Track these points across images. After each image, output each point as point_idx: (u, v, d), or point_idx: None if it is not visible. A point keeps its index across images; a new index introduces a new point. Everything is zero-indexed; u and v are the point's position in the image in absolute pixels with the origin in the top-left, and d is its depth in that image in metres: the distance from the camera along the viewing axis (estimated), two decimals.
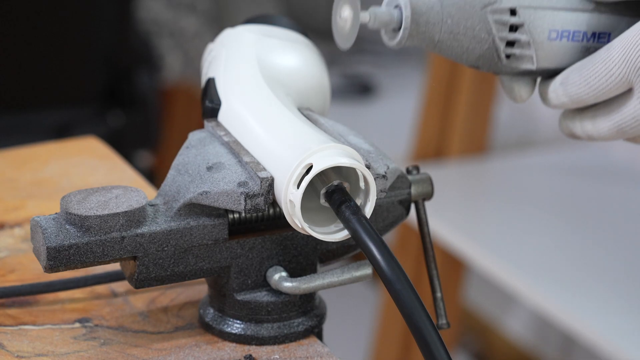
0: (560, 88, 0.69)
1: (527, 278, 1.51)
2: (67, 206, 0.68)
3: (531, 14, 0.68)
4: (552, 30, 0.69)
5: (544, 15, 0.69)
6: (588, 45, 0.70)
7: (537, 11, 0.68)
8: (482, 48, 0.68)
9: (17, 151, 0.99)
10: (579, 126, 0.71)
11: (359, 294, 2.37)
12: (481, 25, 0.67)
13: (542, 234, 1.64)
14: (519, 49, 0.69)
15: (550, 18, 0.69)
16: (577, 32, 0.69)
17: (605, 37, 0.70)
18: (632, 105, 0.67)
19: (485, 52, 0.68)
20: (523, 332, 2.21)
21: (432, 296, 0.76)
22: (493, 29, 0.68)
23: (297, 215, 0.67)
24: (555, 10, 0.69)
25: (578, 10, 0.69)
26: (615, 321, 1.43)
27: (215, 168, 0.71)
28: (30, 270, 0.80)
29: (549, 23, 0.69)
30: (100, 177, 0.94)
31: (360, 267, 0.73)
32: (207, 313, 0.74)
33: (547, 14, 0.69)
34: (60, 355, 0.71)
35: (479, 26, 0.67)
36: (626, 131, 0.69)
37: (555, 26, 0.69)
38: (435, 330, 0.62)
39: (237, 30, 0.80)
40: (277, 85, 0.76)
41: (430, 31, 0.66)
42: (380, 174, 0.70)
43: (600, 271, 1.53)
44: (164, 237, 0.70)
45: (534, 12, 0.68)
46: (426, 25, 0.66)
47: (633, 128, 0.68)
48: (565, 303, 1.45)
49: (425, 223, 0.76)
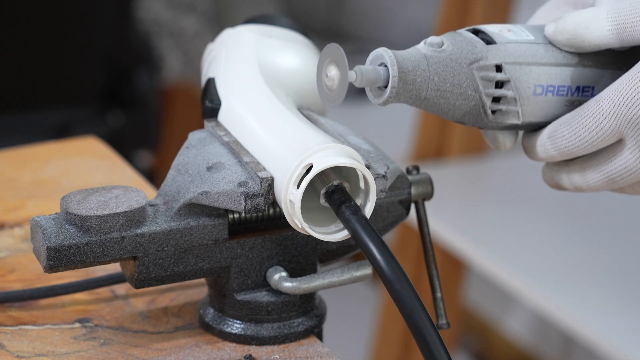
0: (549, 142, 0.70)
1: (527, 278, 1.51)
2: (67, 206, 0.68)
3: (517, 70, 0.69)
4: (538, 86, 0.69)
5: (530, 71, 0.69)
6: (572, 99, 0.70)
7: (523, 67, 0.69)
8: (469, 104, 0.68)
9: (17, 151, 0.99)
10: (566, 178, 0.71)
11: (359, 294, 2.37)
12: (468, 82, 0.68)
13: (543, 234, 1.64)
14: (505, 105, 0.69)
15: (536, 73, 0.69)
16: (562, 86, 0.70)
17: (589, 90, 0.71)
18: (623, 156, 0.68)
19: (472, 108, 0.68)
20: (523, 332, 2.21)
21: (432, 296, 0.76)
22: (479, 86, 0.68)
23: (297, 215, 0.67)
24: (540, 66, 0.69)
25: (562, 65, 0.70)
26: (615, 321, 1.43)
27: (215, 168, 0.71)
28: (30, 270, 0.80)
29: (535, 78, 0.69)
30: (100, 177, 0.94)
31: (360, 267, 0.73)
32: (207, 313, 0.74)
33: (533, 69, 0.69)
34: (60, 355, 0.71)
35: (465, 83, 0.67)
36: (617, 181, 0.69)
37: (541, 81, 0.69)
38: (435, 330, 0.62)
39: (237, 30, 0.80)
40: (277, 85, 0.76)
41: (417, 89, 0.66)
42: (380, 174, 0.70)
43: (600, 271, 1.53)
44: (164, 237, 0.70)
45: (519, 68, 0.69)
46: (413, 84, 0.66)
47: (624, 179, 0.69)
48: (565, 303, 1.45)
49: (425, 223, 0.76)
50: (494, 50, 0.68)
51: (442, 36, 0.68)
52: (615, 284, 1.50)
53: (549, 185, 0.73)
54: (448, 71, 0.67)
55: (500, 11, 1.84)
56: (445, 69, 0.67)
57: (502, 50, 0.69)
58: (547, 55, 0.70)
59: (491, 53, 0.68)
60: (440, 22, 1.87)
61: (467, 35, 0.69)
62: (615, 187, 0.70)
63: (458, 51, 0.67)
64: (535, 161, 0.73)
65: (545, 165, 0.73)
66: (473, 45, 0.68)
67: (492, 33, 0.69)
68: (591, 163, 0.70)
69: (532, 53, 0.69)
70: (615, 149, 0.69)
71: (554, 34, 0.69)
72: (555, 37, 0.69)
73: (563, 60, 0.70)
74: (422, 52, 0.67)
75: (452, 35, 0.68)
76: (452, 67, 0.67)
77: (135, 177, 0.94)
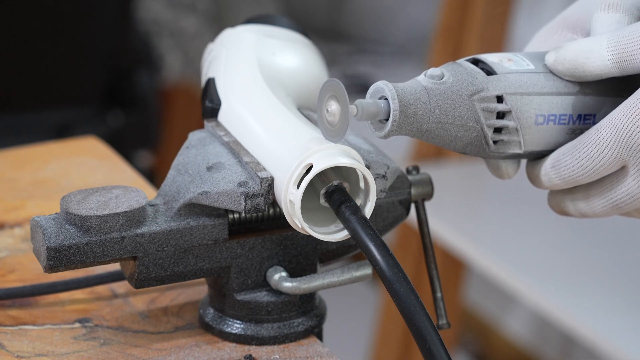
0: (552, 171, 0.70)
1: (527, 278, 1.51)
2: (67, 206, 0.68)
3: (518, 100, 0.69)
4: (539, 115, 0.69)
5: (531, 101, 0.69)
6: (574, 127, 0.70)
7: (524, 97, 0.69)
8: (471, 136, 0.68)
9: (17, 151, 0.99)
10: (571, 205, 0.72)
11: (359, 294, 2.37)
12: (469, 113, 0.67)
13: (542, 234, 1.64)
14: (507, 135, 0.69)
15: (537, 103, 0.69)
16: (563, 115, 0.70)
17: (591, 118, 0.71)
18: (627, 182, 0.68)
19: (474, 139, 0.68)
20: (523, 332, 2.21)
21: (432, 296, 0.76)
22: (481, 117, 0.68)
23: (297, 215, 0.67)
24: (542, 95, 0.69)
25: (563, 93, 0.70)
26: (615, 321, 1.43)
27: (215, 168, 0.71)
28: (30, 270, 0.80)
29: (536, 108, 0.69)
30: (100, 177, 0.94)
31: (360, 267, 0.73)
32: (207, 313, 0.74)
33: (534, 99, 0.69)
34: (60, 355, 0.71)
35: (467, 115, 0.67)
36: (622, 207, 0.69)
37: (542, 111, 0.69)
38: (435, 330, 0.62)
39: (237, 30, 0.80)
40: (277, 85, 0.76)
41: (419, 122, 0.66)
42: (380, 174, 0.70)
43: (600, 271, 1.53)
44: (164, 237, 0.70)
45: (520, 98, 0.69)
46: (414, 116, 0.66)
47: (628, 204, 0.69)
48: (565, 303, 1.45)
49: (425, 223, 0.76)
50: (494, 81, 0.68)
51: (441, 67, 0.68)
52: (615, 284, 1.50)
53: (554, 211, 0.73)
54: (449, 103, 0.67)
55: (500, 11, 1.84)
56: (447, 101, 0.67)
57: (503, 81, 0.68)
58: (548, 84, 0.69)
59: (492, 84, 0.68)
60: (440, 22, 1.87)
61: (467, 66, 0.68)
62: (621, 212, 0.70)
63: (459, 83, 0.67)
64: (541, 189, 0.73)
65: (550, 193, 0.73)
66: (473, 76, 0.68)
67: (492, 63, 0.69)
68: (595, 190, 0.70)
69: (532, 83, 0.69)
70: (618, 176, 0.69)
71: (555, 63, 0.69)
72: (555, 66, 0.69)
73: (564, 89, 0.70)
74: (423, 85, 0.67)
75: (452, 67, 0.68)
76: (453, 99, 0.67)
77: (135, 177, 0.94)
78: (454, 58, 1.85)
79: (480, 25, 1.82)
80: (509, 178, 0.73)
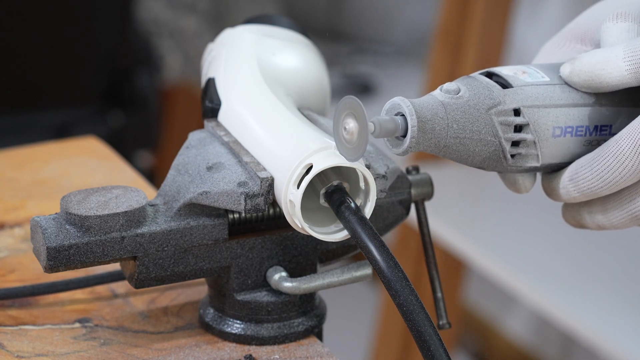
0: (571, 184, 0.69)
1: (527, 278, 1.51)
2: (67, 206, 0.68)
3: (535, 113, 0.68)
4: (556, 127, 0.69)
5: (548, 113, 0.68)
6: (591, 138, 0.70)
7: (541, 110, 0.68)
8: (489, 150, 0.67)
9: (17, 151, 0.99)
10: (588, 218, 0.71)
11: (359, 294, 2.37)
12: (487, 128, 0.67)
13: (542, 234, 1.64)
14: (525, 149, 0.68)
15: (554, 115, 0.69)
16: (580, 127, 0.69)
17: (607, 129, 0.70)
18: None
19: (492, 154, 0.67)
20: (523, 332, 2.21)
21: (433, 296, 0.76)
22: (499, 131, 0.67)
23: (297, 215, 0.67)
24: (558, 107, 0.69)
25: (579, 105, 0.69)
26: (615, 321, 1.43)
27: (215, 168, 0.71)
28: (30, 270, 0.80)
29: (553, 120, 0.69)
30: (100, 177, 0.94)
31: (360, 267, 0.73)
32: (207, 313, 0.74)
33: (551, 111, 0.68)
34: (60, 355, 0.71)
35: (484, 129, 0.67)
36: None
37: (559, 123, 0.69)
38: (434, 330, 0.62)
39: (237, 30, 0.80)
40: (277, 85, 0.76)
41: (437, 137, 0.65)
42: (380, 174, 0.70)
43: (600, 271, 1.53)
44: (164, 237, 0.70)
45: (537, 111, 0.68)
46: (432, 132, 0.65)
47: None
48: (565, 303, 1.45)
49: (425, 223, 0.76)
50: (511, 94, 0.68)
51: (456, 81, 0.67)
52: (615, 284, 1.50)
53: (570, 225, 0.72)
54: (467, 118, 0.66)
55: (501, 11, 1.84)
56: (464, 116, 0.66)
57: (520, 94, 0.68)
58: (564, 96, 0.69)
59: (509, 97, 0.67)
60: (440, 23, 1.87)
61: (482, 80, 0.68)
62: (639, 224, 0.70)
63: (475, 97, 0.67)
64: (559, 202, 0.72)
65: (564, 205, 0.73)
66: (490, 90, 0.67)
67: (507, 76, 0.68)
68: (613, 203, 0.69)
69: (549, 95, 0.68)
70: (637, 187, 0.68)
71: (571, 75, 0.69)
72: (571, 78, 0.69)
73: (580, 100, 0.69)
74: (439, 100, 0.66)
75: (467, 81, 0.68)
76: (470, 113, 0.66)
77: (135, 177, 0.94)
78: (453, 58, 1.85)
79: (480, 26, 1.82)
80: (527, 192, 0.72)
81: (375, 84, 2.33)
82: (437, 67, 1.86)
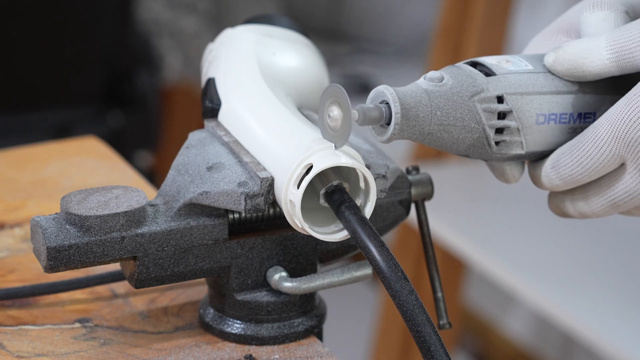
0: (552, 172, 0.70)
1: (527, 278, 1.51)
2: (67, 206, 0.68)
3: (518, 100, 0.69)
4: (540, 115, 0.69)
5: (531, 101, 0.69)
6: (575, 126, 0.71)
7: (524, 97, 0.69)
8: (473, 137, 0.68)
9: (17, 151, 0.99)
10: (571, 206, 0.72)
11: (359, 294, 2.37)
12: (470, 115, 0.67)
13: (542, 234, 1.64)
14: (509, 136, 0.69)
15: (537, 103, 0.69)
16: (564, 114, 0.70)
17: (591, 116, 0.71)
18: (624, 180, 0.68)
19: (476, 140, 0.68)
20: (523, 332, 2.21)
21: (433, 296, 0.76)
22: (482, 118, 0.68)
23: (297, 215, 0.67)
24: (541, 95, 0.69)
25: (563, 92, 0.70)
26: (615, 321, 1.43)
27: (215, 168, 0.71)
28: (30, 270, 0.80)
29: (536, 107, 0.69)
30: (100, 177, 0.94)
31: (360, 267, 0.73)
32: (207, 313, 0.74)
33: (534, 98, 0.69)
34: (60, 355, 0.71)
35: (468, 116, 0.67)
36: (620, 206, 0.69)
37: (543, 110, 0.69)
38: (434, 330, 0.62)
39: (237, 30, 0.80)
40: (277, 85, 0.76)
41: (421, 124, 0.66)
42: (380, 174, 0.70)
43: (600, 271, 1.53)
44: (164, 237, 0.70)
45: (520, 98, 0.69)
46: (416, 119, 0.66)
47: (626, 202, 0.69)
48: (565, 303, 1.45)
49: (425, 223, 0.76)
50: (494, 81, 0.68)
51: (440, 71, 0.68)
52: (615, 284, 1.50)
53: (555, 213, 0.73)
54: (450, 105, 0.67)
55: (500, 11, 1.84)
56: (447, 103, 0.67)
57: (503, 81, 0.68)
58: (548, 83, 0.70)
59: (492, 85, 0.68)
60: (440, 23, 1.87)
61: (466, 69, 0.69)
62: (620, 211, 0.70)
63: (459, 85, 0.67)
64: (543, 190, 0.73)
65: (550, 194, 0.73)
66: (473, 77, 0.68)
67: (490, 65, 0.69)
68: (594, 190, 0.70)
69: (532, 82, 0.69)
70: (617, 174, 0.69)
71: (554, 64, 0.70)
72: (555, 67, 0.70)
73: (563, 88, 0.70)
74: (423, 88, 0.67)
75: (451, 69, 0.68)
76: (454, 100, 0.67)
77: (135, 177, 0.94)
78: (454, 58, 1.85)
79: (480, 26, 1.82)
80: (515, 182, 0.73)
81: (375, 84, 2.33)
82: (438, 67, 1.85)
